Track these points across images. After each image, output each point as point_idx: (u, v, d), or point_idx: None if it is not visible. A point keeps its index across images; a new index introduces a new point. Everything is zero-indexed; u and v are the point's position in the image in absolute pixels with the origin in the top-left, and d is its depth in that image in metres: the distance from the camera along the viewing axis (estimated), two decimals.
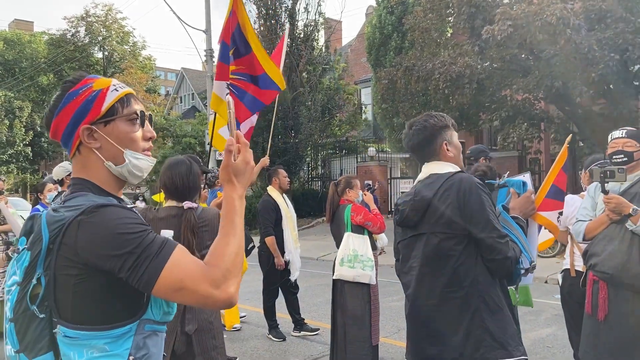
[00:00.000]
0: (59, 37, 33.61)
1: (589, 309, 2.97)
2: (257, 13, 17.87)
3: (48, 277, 1.14)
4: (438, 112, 2.23)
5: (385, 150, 20.52)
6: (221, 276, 1.15)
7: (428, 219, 2.01)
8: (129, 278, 1.12)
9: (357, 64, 25.31)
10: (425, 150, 2.16)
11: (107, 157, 1.28)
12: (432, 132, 2.13)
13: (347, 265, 4.10)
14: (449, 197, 1.96)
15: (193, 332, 2.63)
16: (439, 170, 2.11)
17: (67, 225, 1.13)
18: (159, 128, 21.78)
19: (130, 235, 1.13)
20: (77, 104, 1.25)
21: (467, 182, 1.98)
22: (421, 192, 2.06)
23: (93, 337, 1.14)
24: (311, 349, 5.20)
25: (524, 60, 12.11)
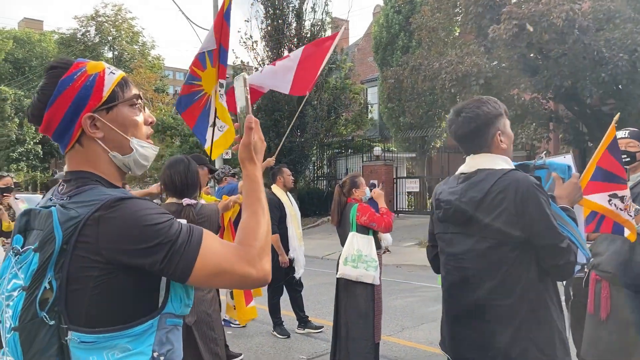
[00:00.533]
0: (69, 37, 33.96)
1: (591, 308, 2.97)
2: (264, 13, 17.92)
3: (60, 280, 1.04)
4: (490, 98, 1.98)
5: (391, 150, 20.50)
6: (256, 255, 1.16)
7: (477, 222, 1.81)
8: (164, 270, 1.08)
9: (363, 63, 25.31)
10: (475, 141, 1.92)
11: (111, 148, 1.19)
12: (485, 121, 1.90)
13: (350, 265, 4.12)
14: (503, 201, 1.76)
15: (192, 323, 2.72)
16: (488, 164, 1.88)
17: (84, 223, 1.05)
18: (167, 127, 21.91)
19: (158, 226, 1.07)
20: (74, 90, 1.14)
21: (524, 183, 1.76)
22: (468, 192, 1.85)
23: (114, 337, 1.07)
24: (315, 346, 5.23)
25: (533, 60, 12.05)
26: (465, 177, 1.93)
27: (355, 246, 4.15)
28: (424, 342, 5.31)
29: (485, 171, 1.87)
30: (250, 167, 1.25)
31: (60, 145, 1.21)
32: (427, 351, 4.99)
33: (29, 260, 1.06)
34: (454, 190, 1.92)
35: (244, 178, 1.26)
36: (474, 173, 1.90)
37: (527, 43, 10.52)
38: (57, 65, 1.17)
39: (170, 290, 1.15)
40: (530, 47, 10.92)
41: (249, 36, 18.07)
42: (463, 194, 1.87)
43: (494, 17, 11.07)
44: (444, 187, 2.02)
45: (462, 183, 1.92)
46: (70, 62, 1.18)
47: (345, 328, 4.15)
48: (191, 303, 1.21)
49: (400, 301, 7.28)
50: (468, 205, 1.83)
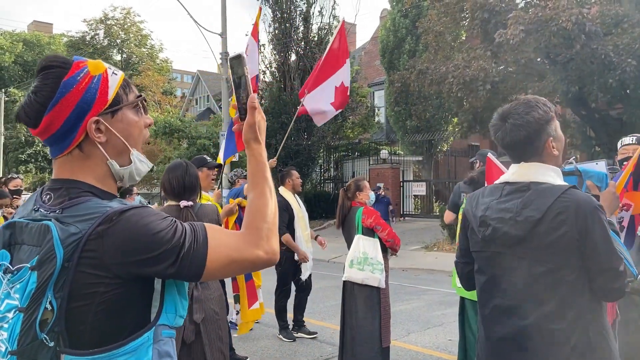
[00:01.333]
0: (78, 39, 34.28)
1: None
2: (272, 17, 18.03)
3: (60, 299, 1.00)
4: (538, 99, 1.80)
5: (398, 153, 20.51)
6: (264, 236, 1.15)
7: (532, 243, 1.68)
8: (177, 273, 1.06)
9: (370, 67, 25.34)
10: (526, 149, 1.77)
11: (111, 155, 1.15)
12: (537, 128, 1.74)
13: (356, 268, 4.14)
14: (564, 224, 1.62)
15: (200, 320, 2.81)
16: (540, 177, 1.74)
17: (87, 238, 1.01)
18: (175, 129, 22.05)
19: (164, 232, 1.05)
20: (79, 93, 1.09)
21: (587, 205, 1.63)
22: (524, 210, 1.70)
23: (110, 357, 1.04)
24: (321, 349, 5.25)
25: (540, 64, 12.04)
26: (515, 189, 1.77)
27: (361, 249, 4.17)
28: (431, 346, 5.31)
29: (541, 186, 1.72)
30: (256, 146, 1.24)
31: (54, 149, 1.14)
32: (433, 356, 5.00)
33: (25, 280, 1.00)
34: (505, 207, 1.75)
35: (249, 158, 1.25)
36: (527, 187, 1.74)
37: (534, 48, 10.52)
38: (54, 64, 1.10)
39: (164, 301, 1.12)
40: (537, 52, 10.91)
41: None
42: (518, 212, 1.70)
43: (500, 22, 11.07)
44: (488, 200, 1.83)
45: (509, 196, 1.77)
46: (69, 61, 1.12)
47: (351, 332, 4.17)
48: (185, 314, 1.19)
49: (406, 305, 7.28)
50: (524, 225, 1.69)
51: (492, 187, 1.89)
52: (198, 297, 2.85)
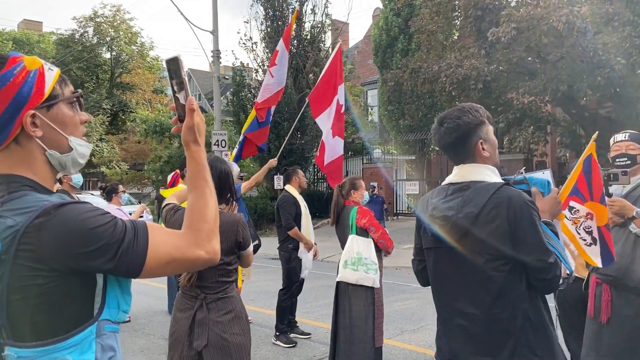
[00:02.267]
0: (67, 37, 33.91)
1: (591, 312, 2.97)
2: (264, 14, 17.96)
3: (0, 292, 1.01)
4: (472, 105, 1.98)
5: (391, 152, 20.53)
6: (205, 237, 1.18)
7: (472, 237, 1.84)
8: (115, 269, 1.07)
9: (363, 66, 25.35)
10: (459, 150, 1.95)
11: (49, 146, 1.15)
12: (467, 130, 1.91)
13: (350, 268, 4.11)
14: (497, 217, 1.79)
15: (202, 347, 2.43)
16: (477, 176, 1.91)
17: (24, 231, 1.01)
18: (165, 128, 21.90)
19: (102, 227, 1.06)
20: (15, 86, 1.09)
21: (518, 200, 1.80)
22: (464, 207, 1.86)
23: (53, 350, 1.04)
24: (314, 350, 5.22)
25: (531, 63, 12.10)
26: (457, 189, 1.93)
27: (355, 249, 4.14)
28: (424, 345, 5.31)
29: (478, 184, 1.88)
30: (195, 148, 1.25)
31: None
32: (426, 354, 4.99)
33: None
34: (449, 205, 1.92)
35: (188, 160, 1.26)
36: (467, 186, 1.90)
37: (525, 46, 10.56)
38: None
39: (106, 296, 1.13)
40: (528, 51, 10.96)
41: (249, 37, 18.12)
42: (459, 210, 1.87)
43: (493, 20, 11.11)
44: (435, 200, 2.00)
45: (453, 195, 1.93)
46: (6, 56, 1.12)
47: (344, 332, 4.14)
48: (129, 309, 1.20)
49: (400, 304, 7.28)
50: (465, 221, 1.85)
51: (439, 188, 2.04)
52: (201, 320, 2.46)
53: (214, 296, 2.51)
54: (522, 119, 12.57)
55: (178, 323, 2.54)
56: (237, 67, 18.74)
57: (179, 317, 2.54)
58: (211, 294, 2.51)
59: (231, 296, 2.57)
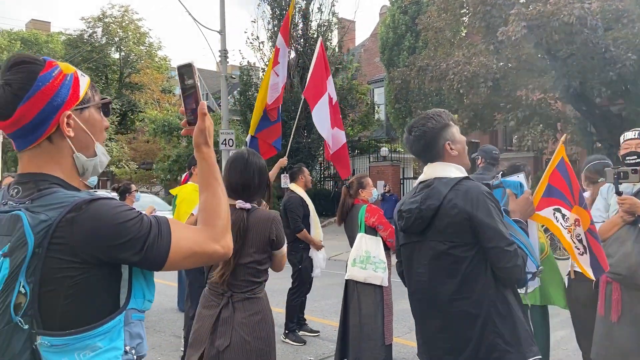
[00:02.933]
0: (76, 38, 34.11)
1: (601, 310, 2.96)
2: (271, 14, 17.97)
3: (33, 283, 1.05)
4: (435, 110, 2.16)
5: (398, 151, 20.48)
6: (220, 232, 1.26)
7: (435, 227, 1.99)
8: (141, 261, 1.14)
9: (370, 64, 25.29)
10: (428, 154, 2.12)
11: (77, 148, 1.22)
12: (433, 135, 2.08)
13: (358, 266, 4.12)
14: (456, 207, 1.93)
15: (223, 348, 2.30)
16: (442, 173, 2.06)
17: (57, 225, 1.07)
18: (174, 127, 21.98)
19: (130, 222, 1.13)
20: (54, 88, 1.16)
21: (474, 191, 1.94)
22: (427, 200, 2.01)
23: (84, 338, 1.10)
24: (324, 347, 5.23)
25: (540, 60, 12.01)
26: (424, 186, 2.09)
27: (363, 247, 4.14)
28: None
29: (442, 180, 2.03)
30: (206, 150, 1.32)
31: (21, 141, 1.19)
32: None
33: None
34: (414, 199, 2.07)
35: (199, 161, 1.33)
36: (432, 182, 2.05)
37: (534, 43, 10.49)
38: (28, 60, 1.17)
39: (132, 287, 1.19)
40: (538, 47, 10.88)
41: (256, 37, 18.15)
42: (423, 202, 2.01)
43: (502, 16, 11.04)
44: (405, 197, 2.17)
45: (420, 192, 2.08)
46: (43, 59, 1.19)
47: (354, 330, 4.15)
48: (153, 299, 1.26)
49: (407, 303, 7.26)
50: (427, 213, 1.99)
51: (412, 188, 2.21)
52: (226, 319, 2.35)
53: (241, 295, 2.40)
54: (531, 117, 12.47)
55: (202, 320, 2.43)
56: (244, 66, 18.77)
57: (204, 314, 2.44)
58: (238, 293, 2.40)
59: (259, 297, 2.46)
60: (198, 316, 2.49)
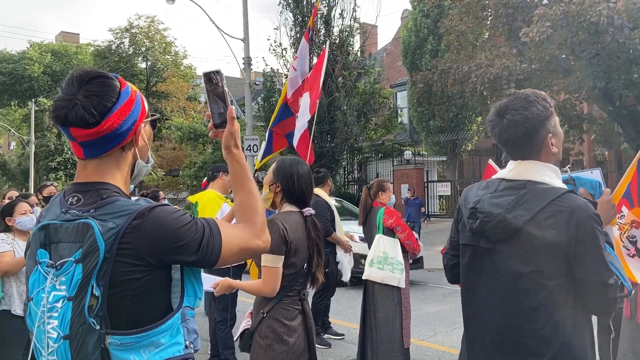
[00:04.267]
0: (104, 49, 34.98)
1: (627, 313, 2.94)
2: (293, 21, 18.14)
3: (103, 287, 1.14)
4: (537, 94, 1.75)
5: (422, 154, 20.39)
6: (260, 229, 1.35)
7: (519, 243, 1.64)
8: (199, 260, 1.24)
9: (392, 68, 25.27)
10: (524, 146, 1.72)
11: (140, 156, 1.37)
12: (535, 124, 1.69)
13: (376, 267, 4.17)
14: (554, 228, 1.58)
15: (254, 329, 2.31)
16: (537, 176, 1.69)
17: (124, 232, 1.15)
18: (200, 134, 22.35)
19: (186, 227, 1.22)
20: (132, 102, 1.28)
21: (582, 212, 1.58)
22: (516, 208, 1.65)
23: (150, 335, 1.18)
24: (348, 350, 5.29)
25: (564, 61, 11.86)
26: (510, 187, 1.72)
27: (381, 248, 4.20)
28: (458, 346, 5.29)
29: (538, 186, 1.67)
30: (236, 151, 1.39)
31: (96, 149, 1.25)
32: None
33: (71, 272, 1.14)
34: (497, 202, 1.70)
35: (230, 163, 1.40)
36: (522, 185, 1.70)
37: (558, 44, 10.38)
38: (107, 75, 1.26)
39: (185, 286, 1.27)
40: (562, 48, 10.76)
41: (279, 44, 18.32)
42: (510, 210, 1.65)
43: (525, 19, 10.96)
44: (482, 193, 1.79)
45: (504, 191, 1.73)
46: (115, 75, 1.29)
47: (372, 332, 4.19)
48: (202, 296, 1.35)
49: (433, 306, 7.26)
50: (513, 224, 1.64)
51: (488, 181, 1.85)
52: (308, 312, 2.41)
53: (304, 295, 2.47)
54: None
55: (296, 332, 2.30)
56: (267, 73, 18.99)
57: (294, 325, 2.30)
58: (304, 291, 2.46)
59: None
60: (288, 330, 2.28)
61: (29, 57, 35.25)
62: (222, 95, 1.38)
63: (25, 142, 33.18)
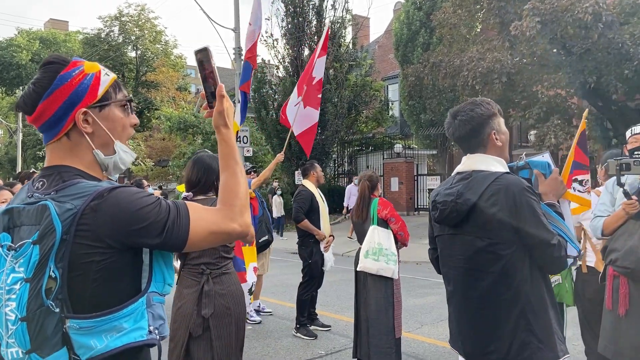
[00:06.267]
0: (93, 37, 34.58)
1: (609, 304, 2.95)
2: (285, 11, 18.02)
3: (62, 269, 1.12)
4: (483, 99, 2.08)
5: (412, 147, 20.41)
6: (238, 211, 1.30)
7: (472, 222, 1.94)
8: (162, 244, 1.19)
9: (384, 60, 25.22)
10: (472, 141, 2.04)
11: (96, 145, 1.28)
12: (480, 122, 2.01)
13: (371, 258, 4.14)
14: (497, 203, 1.87)
15: (209, 316, 2.71)
16: (482, 166, 1.99)
17: (82, 213, 1.13)
18: (189, 125, 22.20)
19: (149, 207, 1.19)
20: (72, 86, 1.22)
21: (516, 186, 1.87)
22: (464, 194, 1.95)
23: (110, 320, 1.16)
24: (335, 342, 5.28)
25: (556, 55, 11.88)
26: (461, 178, 2.03)
27: (376, 239, 4.17)
28: (444, 338, 5.31)
29: (481, 173, 1.97)
30: (225, 131, 1.35)
31: (45, 135, 1.27)
32: (446, 348, 5.00)
33: (29, 253, 1.12)
34: (450, 191, 2.02)
35: (220, 142, 1.36)
36: (470, 174, 2.00)
37: (550, 38, 10.38)
38: (55, 60, 1.24)
39: (152, 271, 1.25)
40: (553, 43, 10.77)
41: (270, 34, 18.20)
42: (459, 196, 1.96)
43: (517, 12, 10.94)
44: (441, 188, 2.12)
45: (457, 183, 2.02)
46: (68, 59, 1.25)
47: (365, 324, 4.19)
48: (172, 283, 1.30)
49: (420, 299, 7.28)
50: (463, 207, 1.94)
51: (448, 178, 2.14)
52: (208, 291, 2.76)
53: (218, 271, 2.82)
54: (549, 114, 12.33)
55: (185, 297, 2.79)
56: (258, 63, 18.86)
57: (186, 293, 2.80)
58: (215, 270, 2.82)
59: (232, 272, 2.91)
60: (179, 295, 2.84)
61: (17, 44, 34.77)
62: (213, 74, 1.35)
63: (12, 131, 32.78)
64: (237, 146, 1.38)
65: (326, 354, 4.92)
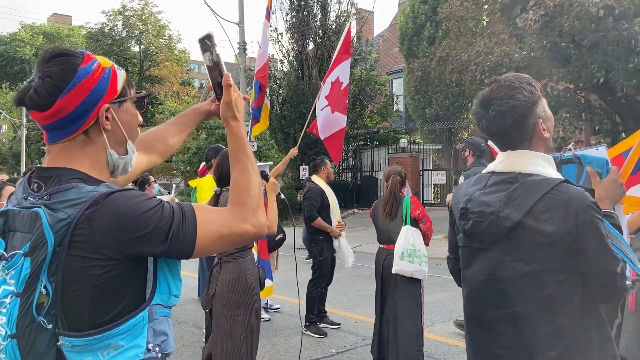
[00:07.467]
0: (96, 31, 34.54)
1: (632, 305, 2.88)
2: (289, 5, 17.91)
3: (55, 283, 1.03)
4: (521, 78, 1.63)
5: (417, 142, 20.31)
6: (251, 211, 1.20)
7: (514, 241, 1.54)
8: (168, 251, 1.09)
9: (389, 55, 25.07)
10: (514, 135, 1.61)
11: (111, 144, 1.19)
12: (523, 112, 1.58)
13: (407, 260, 3.99)
14: (550, 223, 1.48)
15: (212, 295, 3.09)
16: (529, 167, 1.58)
17: (76, 223, 1.03)
18: None
19: (150, 212, 1.08)
20: (94, 80, 1.13)
21: (579, 203, 1.48)
22: (507, 206, 1.54)
23: (106, 337, 1.07)
24: (344, 339, 5.23)
25: (564, 49, 11.74)
26: (501, 181, 1.62)
27: (410, 240, 4.03)
28: (456, 336, 5.25)
29: (529, 179, 1.56)
30: (234, 123, 1.27)
31: (56, 134, 1.14)
32: (458, 346, 4.94)
33: (19, 265, 1.03)
34: (488, 200, 1.60)
35: (229, 136, 1.27)
36: (514, 178, 1.59)
37: (558, 31, 10.25)
38: (68, 53, 1.14)
39: (157, 281, 1.15)
40: (562, 36, 10.63)
41: (274, 28, 18.07)
42: (502, 208, 1.55)
43: (525, 6, 10.81)
44: (472, 190, 1.69)
45: (494, 187, 1.63)
46: (82, 52, 1.16)
47: (392, 325, 4.07)
48: (179, 294, 1.20)
49: (429, 296, 7.18)
50: (506, 223, 1.54)
51: (478, 176, 1.73)
52: (214, 274, 3.12)
53: (226, 258, 3.11)
54: (558, 108, 12.20)
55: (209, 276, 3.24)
56: None
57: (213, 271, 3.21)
58: (225, 256, 3.10)
59: (240, 262, 3.11)
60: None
61: (21, 38, 34.77)
62: (218, 63, 1.26)
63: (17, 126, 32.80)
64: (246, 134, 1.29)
65: (337, 353, 4.86)
